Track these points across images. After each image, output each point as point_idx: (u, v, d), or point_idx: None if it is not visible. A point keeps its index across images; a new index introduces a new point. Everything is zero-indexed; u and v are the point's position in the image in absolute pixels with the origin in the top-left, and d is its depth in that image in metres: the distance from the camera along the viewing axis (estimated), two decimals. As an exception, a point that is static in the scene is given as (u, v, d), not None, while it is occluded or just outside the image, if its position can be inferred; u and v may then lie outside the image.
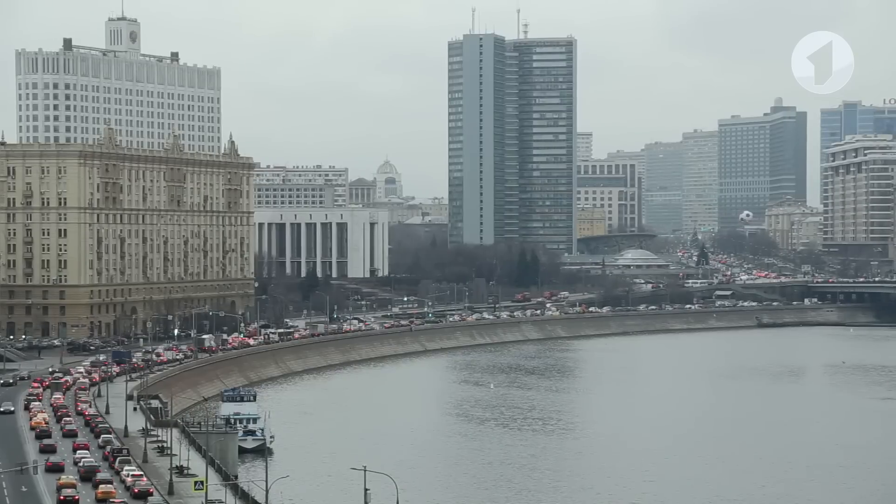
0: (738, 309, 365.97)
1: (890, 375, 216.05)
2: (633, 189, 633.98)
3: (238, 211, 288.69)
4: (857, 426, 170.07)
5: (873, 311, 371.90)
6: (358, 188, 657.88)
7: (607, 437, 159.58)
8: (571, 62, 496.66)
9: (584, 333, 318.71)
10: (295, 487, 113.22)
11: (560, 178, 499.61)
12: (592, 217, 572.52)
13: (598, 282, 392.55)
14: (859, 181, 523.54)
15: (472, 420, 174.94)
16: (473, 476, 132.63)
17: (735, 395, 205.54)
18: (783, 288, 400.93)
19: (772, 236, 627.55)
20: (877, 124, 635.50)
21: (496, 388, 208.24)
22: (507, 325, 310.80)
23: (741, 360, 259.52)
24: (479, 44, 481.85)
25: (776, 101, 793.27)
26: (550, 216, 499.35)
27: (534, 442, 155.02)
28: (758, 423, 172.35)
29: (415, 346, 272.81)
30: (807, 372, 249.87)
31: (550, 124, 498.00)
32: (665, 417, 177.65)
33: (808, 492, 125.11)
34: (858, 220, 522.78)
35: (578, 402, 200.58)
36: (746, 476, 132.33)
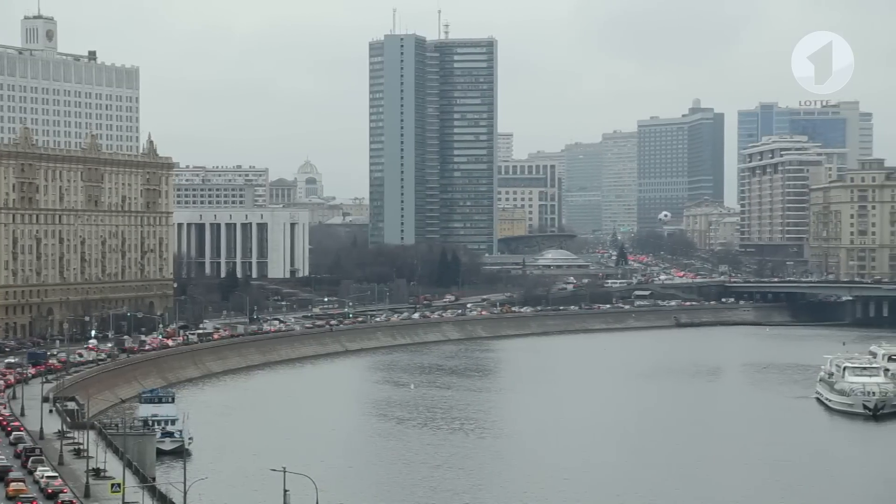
0: (656, 309, 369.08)
1: (806, 374, 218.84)
2: (554, 189, 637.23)
3: (157, 211, 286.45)
4: (770, 424, 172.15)
5: (789, 311, 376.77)
6: (278, 188, 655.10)
7: (526, 437, 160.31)
8: (492, 63, 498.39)
9: (505, 333, 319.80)
10: (214, 489, 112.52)
11: (481, 178, 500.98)
12: (513, 217, 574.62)
13: (518, 282, 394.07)
14: (775, 182, 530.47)
15: (392, 420, 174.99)
16: (393, 476, 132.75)
17: (653, 395, 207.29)
18: (701, 288, 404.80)
19: (690, 236, 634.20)
20: (793, 126, 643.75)
21: (416, 389, 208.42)
22: (427, 325, 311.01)
23: (660, 360, 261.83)
24: (400, 44, 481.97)
25: (694, 102, 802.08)
26: (471, 216, 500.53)
27: (453, 442, 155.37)
28: (674, 421, 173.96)
29: (335, 347, 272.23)
30: (724, 371, 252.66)
31: (471, 125, 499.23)
32: (584, 417, 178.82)
33: (722, 487, 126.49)
34: (774, 220, 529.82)
35: (498, 402, 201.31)
36: (662, 473, 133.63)
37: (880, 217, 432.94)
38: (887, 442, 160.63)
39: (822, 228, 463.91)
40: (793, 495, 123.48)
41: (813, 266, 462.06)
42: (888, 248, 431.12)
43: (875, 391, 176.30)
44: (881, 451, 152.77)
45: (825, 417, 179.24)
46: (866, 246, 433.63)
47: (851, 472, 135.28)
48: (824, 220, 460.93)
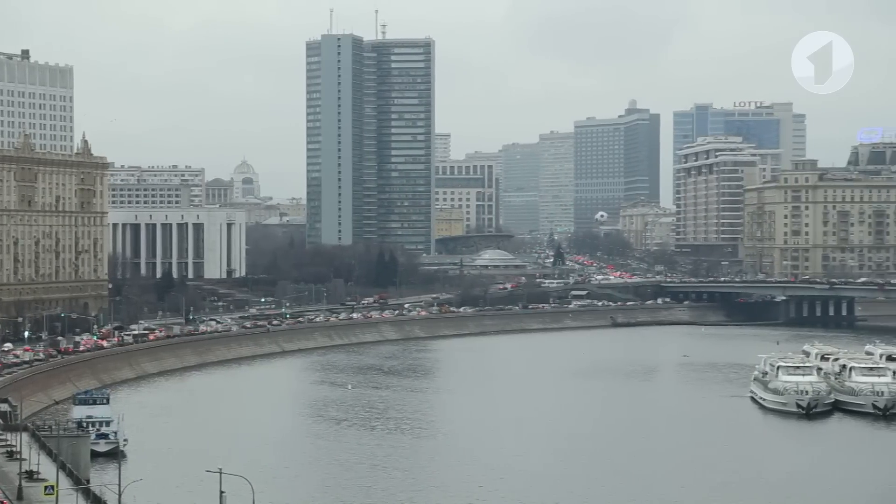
0: (593, 308, 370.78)
1: (740, 373, 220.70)
2: (491, 190, 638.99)
3: (91, 211, 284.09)
4: (704, 423, 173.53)
5: (723, 311, 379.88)
6: (215, 188, 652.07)
7: (463, 436, 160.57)
8: (429, 63, 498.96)
9: (443, 333, 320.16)
10: (149, 491, 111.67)
11: (418, 178, 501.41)
12: (451, 217, 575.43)
13: (455, 282, 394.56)
14: (710, 182, 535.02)
15: (329, 420, 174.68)
16: (330, 476, 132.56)
17: (590, 394, 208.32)
18: (637, 288, 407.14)
19: (626, 236, 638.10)
20: (727, 126, 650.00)
21: (353, 389, 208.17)
22: (365, 325, 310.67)
23: (596, 360, 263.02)
24: (338, 44, 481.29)
25: (630, 103, 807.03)
26: (409, 216, 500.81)
27: (390, 442, 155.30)
28: (610, 421, 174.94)
29: (272, 348, 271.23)
30: (659, 370, 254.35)
31: (409, 125, 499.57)
32: (521, 416, 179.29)
33: (656, 485, 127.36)
34: (709, 220, 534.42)
35: (435, 402, 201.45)
36: (598, 472, 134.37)
37: (813, 217, 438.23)
38: (819, 440, 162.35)
39: (756, 229, 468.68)
40: (725, 494, 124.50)
41: (747, 266, 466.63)
42: (821, 249, 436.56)
43: (808, 390, 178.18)
44: (813, 449, 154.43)
45: (759, 416, 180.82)
46: (799, 246, 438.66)
47: (783, 470, 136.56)
48: (758, 221, 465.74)
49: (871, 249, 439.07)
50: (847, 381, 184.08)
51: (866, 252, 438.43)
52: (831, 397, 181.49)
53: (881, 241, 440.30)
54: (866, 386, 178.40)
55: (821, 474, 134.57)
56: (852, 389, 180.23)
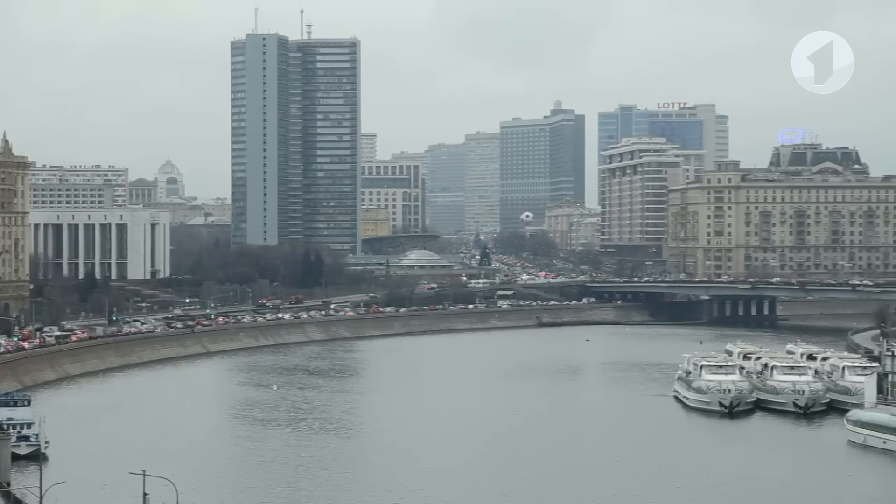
0: (519, 309, 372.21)
1: (664, 372, 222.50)
2: (417, 190, 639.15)
3: (12, 211, 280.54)
4: (628, 422, 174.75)
5: (648, 310, 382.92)
6: (138, 188, 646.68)
7: (389, 436, 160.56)
8: (355, 63, 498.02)
9: (369, 334, 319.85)
10: (71, 493, 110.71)
11: (344, 178, 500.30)
12: (377, 218, 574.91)
13: (382, 282, 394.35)
14: (635, 183, 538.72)
15: (254, 421, 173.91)
16: (254, 477, 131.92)
17: (515, 393, 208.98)
18: (563, 288, 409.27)
19: (552, 237, 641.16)
20: (651, 127, 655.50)
21: (279, 390, 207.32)
22: (291, 326, 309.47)
23: (522, 359, 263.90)
24: (263, 44, 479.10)
25: (555, 104, 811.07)
26: (335, 217, 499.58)
27: (315, 442, 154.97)
28: (536, 420, 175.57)
29: (197, 349, 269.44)
30: (584, 370, 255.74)
31: (335, 125, 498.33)
32: (447, 416, 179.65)
33: (580, 484, 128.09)
34: (634, 221, 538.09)
35: (361, 402, 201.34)
36: (522, 471, 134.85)
37: (736, 218, 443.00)
38: (741, 439, 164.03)
39: (679, 229, 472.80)
40: (648, 492, 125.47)
41: (671, 266, 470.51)
42: (743, 249, 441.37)
43: (731, 389, 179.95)
44: (735, 447, 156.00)
45: (682, 415, 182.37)
46: (722, 246, 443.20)
47: (705, 468, 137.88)
48: (682, 221, 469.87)
49: (792, 249, 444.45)
50: (769, 380, 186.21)
51: (788, 252, 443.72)
52: (753, 396, 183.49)
53: (802, 242, 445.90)
54: (787, 385, 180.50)
55: (742, 472, 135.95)
56: (774, 388, 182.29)
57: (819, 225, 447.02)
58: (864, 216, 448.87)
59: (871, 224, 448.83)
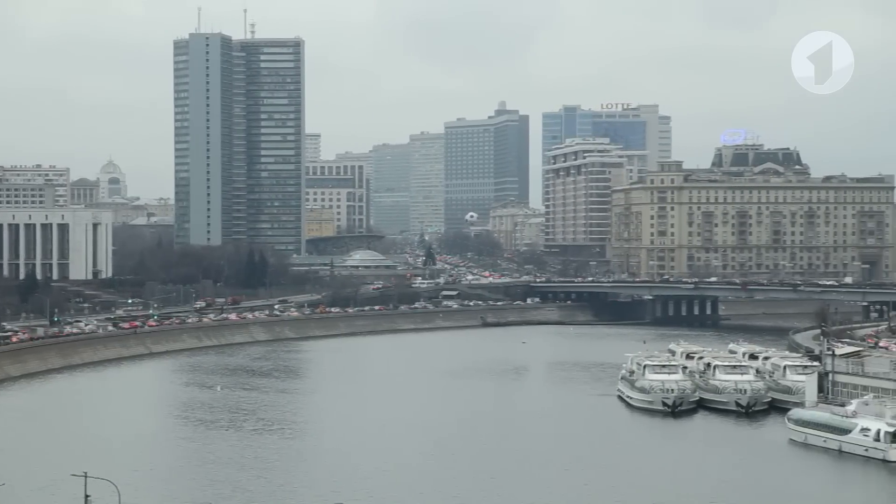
0: (464, 309, 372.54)
1: (608, 372, 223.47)
2: (362, 190, 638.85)
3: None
4: (572, 421, 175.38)
5: (592, 310, 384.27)
6: (80, 188, 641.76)
7: (332, 437, 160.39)
8: (299, 63, 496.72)
9: (313, 334, 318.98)
10: (12, 495, 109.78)
11: (288, 178, 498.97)
12: (321, 218, 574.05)
13: (326, 283, 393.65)
14: (578, 183, 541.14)
15: (197, 422, 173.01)
16: (197, 478, 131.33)
17: (460, 393, 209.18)
18: (507, 288, 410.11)
19: (496, 237, 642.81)
20: (595, 128, 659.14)
21: (223, 390, 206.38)
22: (235, 326, 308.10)
23: (467, 359, 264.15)
24: (206, 43, 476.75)
25: (500, 104, 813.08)
26: (279, 217, 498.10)
27: (258, 443, 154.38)
28: (480, 420, 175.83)
29: (140, 349, 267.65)
30: (529, 369, 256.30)
31: (279, 125, 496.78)
32: (391, 416, 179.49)
33: (523, 484, 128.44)
34: (578, 221, 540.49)
35: (305, 403, 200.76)
36: (466, 472, 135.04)
37: (679, 218, 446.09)
38: (684, 438, 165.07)
39: (623, 229, 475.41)
40: (591, 491, 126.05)
41: (615, 266, 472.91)
42: (686, 249, 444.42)
43: (674, 388, 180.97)
44: (678, 446, 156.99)
45: (626, 414, 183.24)
46: (665, 246, 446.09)
47: (648, 467, 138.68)
48: (625, 221, 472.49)
49: (734, 250, 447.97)
50: (711, 380, 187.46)
51: (730, 252, 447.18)
52: (696, 395, 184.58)
53: (744, 242, 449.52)
54: (729, 384, 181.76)
55: (684, 470, 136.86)
56: (716, 387, 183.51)
57: (761, 225, 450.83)
58: (805, 217, 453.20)
59: (812, 224, 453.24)
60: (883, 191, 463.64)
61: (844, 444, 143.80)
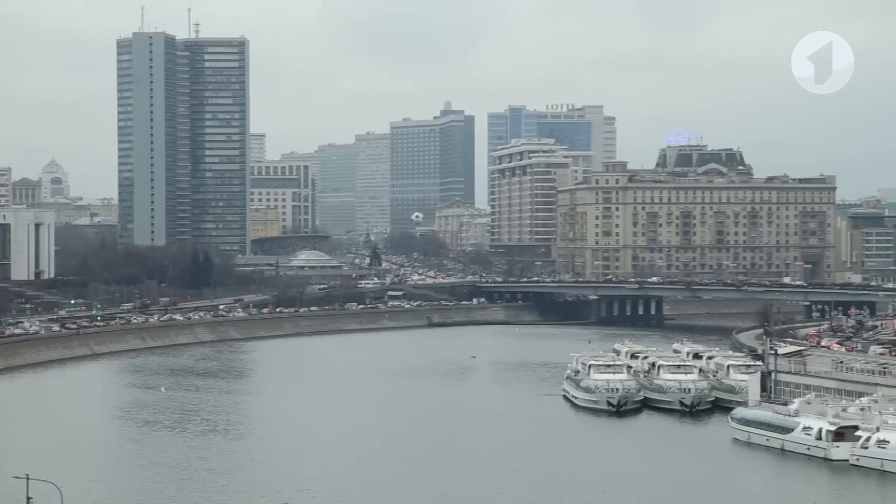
0: (409, 309, 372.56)
1: (553, 372, 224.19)
2: (307, 190, 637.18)
3: None
4: (517, 421, 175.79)
5: (537, 310, 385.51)
6: (22, 188, 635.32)
7: (277, 437, 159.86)
8: (244, 63, 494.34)
9: (259, 335, 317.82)
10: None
11: (233, 178, 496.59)
12: (266, 218, 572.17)
13: (272, 283, 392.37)
14: (524, 184, 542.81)
15: (141, 423, 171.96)
16: (141, 479, 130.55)
17: (405, 394, 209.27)
18: (453, 288, 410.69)
19: (442, 237, 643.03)
20: (540, 128, 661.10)
21: (167, 391, 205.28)
22: (179, 327, 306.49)
23: (413, 359, 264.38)
24: (150, 42, 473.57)
25: (445, 104, 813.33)
26: (224, 217, 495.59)
27: (202, 443, 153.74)
28: (426, 420, 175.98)
29: (83, 351, 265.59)
30: (474, 369, 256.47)
31: (223, 125, 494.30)
32: (336, 417, 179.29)
33: (468, 484, 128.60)
34: (523, 221, 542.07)
35: (250, 403, 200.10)
36: (411, 471, 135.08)
37: (623, 218, 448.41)
38: (629, 437, 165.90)
39: (568, 229, 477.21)
40: (536, 491, 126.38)
41: (560, 266, 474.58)
42: (631, 249, 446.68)
43: (618, 388, 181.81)
44: (622, 446, 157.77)
45: (571, 414, 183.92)
46: (610, 246, 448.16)
47: (594, 466, 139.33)
48: (571, 222, 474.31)
49: (678, 250, 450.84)
50: (655, 379, 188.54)
51: (674, 252, 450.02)
52: (641, 395, 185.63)
53: (688, 242, 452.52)
54: (674, 383, 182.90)
55: (629, 469, 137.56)
56: (660, 387, 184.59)
57: (704, 225, 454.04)
58: (748, 217, 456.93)
59: (755, 225, 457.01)
60: (825, 191, 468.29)
61: (787, 443, 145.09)
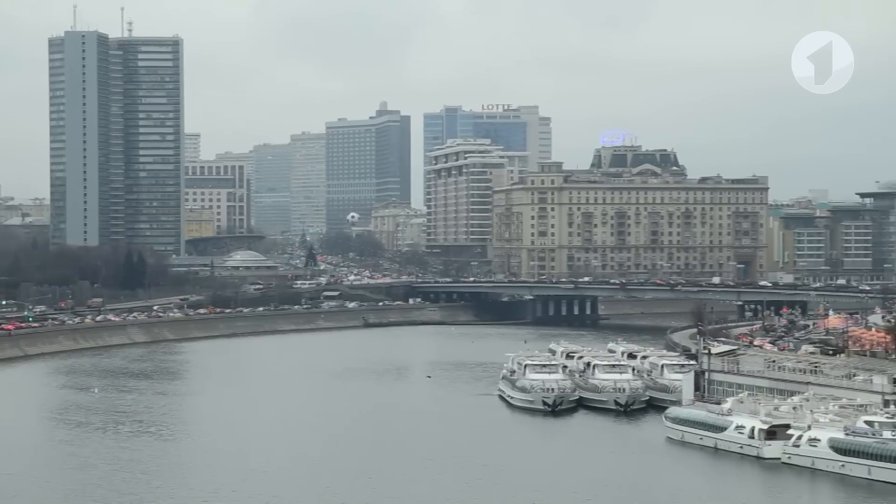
0: (345, 309, 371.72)
1: (489, 372, 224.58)
2: (242, 190, 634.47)
3: None
4: (453, 421, 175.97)
5: (473, 310, 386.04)
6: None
7: (212, 438, 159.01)
8: (178, 62, 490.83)
9: (193, 336, 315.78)
10: None
11: (168, 178, 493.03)
12: (201, 218, 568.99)
13: (206, 283, 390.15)
14: (460, 184, 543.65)
15: (73, 424, 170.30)
16: (73, 481, 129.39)
17: (342, 394, 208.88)
18: (389, 288, 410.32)
19: (378, 237, 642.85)
20: (476, 129, 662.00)
21: (100, 393, 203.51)
22: (113, 328, 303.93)
23: (349, 360, 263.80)
24: (82, 41, 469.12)
25: (381, 105, 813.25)
26: (158, 217, 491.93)
27: (135, 445, 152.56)
28: (362, 420, 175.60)
29: (14, 352, 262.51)
30: (411, 370, 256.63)
31: (157, 125, 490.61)
32: (272, 417, 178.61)
33: (404, 484, 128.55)
34: (459, 221, 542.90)
35: (184, 404, 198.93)
36: (346, 471, 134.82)
37: (559, 219, 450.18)
38: (563, 436, 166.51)
39: (504, 230, 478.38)
40: (471, 490, 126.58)
41: (496, 266, 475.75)
42: (566, 249, 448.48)
43: (554, 387, 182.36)
44: (558, 445, 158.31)
45: (507, 414, 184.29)
46: (546, 247, 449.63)
47: (529, 466, 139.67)
48: (506, 222, 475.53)
49: (613, 250, 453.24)
50: (591, 379, 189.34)
51: (609, 252, 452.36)
52: (576, 394, 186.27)
53: (623, 242, 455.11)
54: (609, 383, 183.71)
55: (564, 469, 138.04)
56: (596, 386, 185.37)
57: (639, 226, 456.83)
58: (682, 217, 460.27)
59: (689, 225, 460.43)
60: (757, 192, 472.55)
61: (720, 442, 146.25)
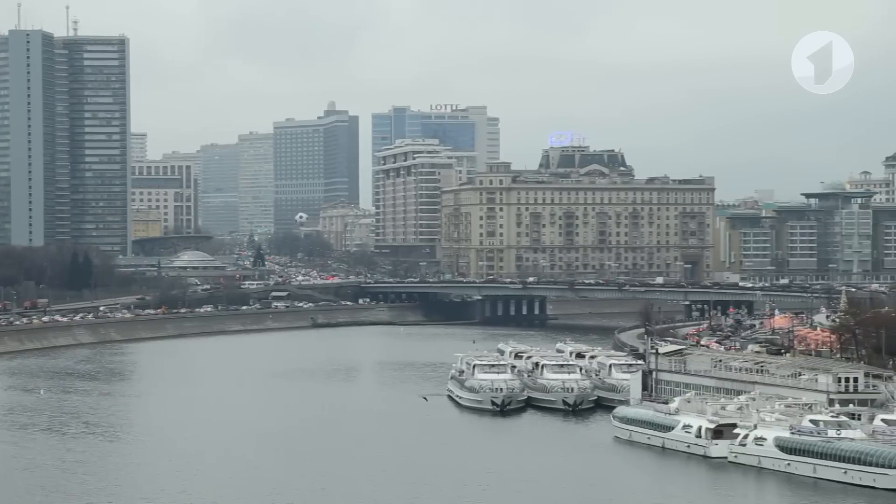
0: (294, 310, 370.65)
1: (438, 372, 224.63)
2: (190, 190, 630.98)
3: None
4: (401, 421, 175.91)
5: (422, 310, 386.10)
6: None
7: (155, 439, 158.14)
8: (124, 61, 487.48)
9: (140, 336, 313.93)
10: None
11: (114, 178, 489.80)
12: (148, 219, 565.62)
13: (153, 283, 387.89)
14: (408, 184, 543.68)
15: (17, 426, 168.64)
16: (18, 483, 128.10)
17: (290, 395, 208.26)
18: (338, 288, 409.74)
19: (326, 238, 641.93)
20: (424, 129, 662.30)
21: (46, 394, 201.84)
22: (58, 329, 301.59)
23: (297, 360, 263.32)
24: (27, 40, 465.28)
25: (329, 105, 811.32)
26: (104, 217, 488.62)
27: (81, 446, 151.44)
28: (310, 421, 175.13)
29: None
30: (359, 370, 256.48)
31: (103, 124, 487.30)
32: (219, 418, 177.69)
33: (352, 485, 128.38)
34: (408, 222, 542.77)
35: (130, 406, 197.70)
36: (295, 472, 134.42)
37: (507, 219, 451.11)
38: (512, 436, 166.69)
39: (453, 230, 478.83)
40: (419, 490, 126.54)
41: (445, 266, 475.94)
42: (514, 249, 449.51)
43: (503, 387, 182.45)
44: (506, 445, 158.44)
45: (455, 414, 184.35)
46: (494, 247, 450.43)
47: (478, 465, 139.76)
48: (455, 222, 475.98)
49: (561, 250, 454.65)
50: (539, 379, 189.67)
51: (557, 252, 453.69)
52: (525, 394, 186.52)
53: (571, 242, 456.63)
54: (557, 383, 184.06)
55: (512, 468, 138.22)
56: (544, 386, 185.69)
57: (587, 226, 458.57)
58: (630, 217, 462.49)
59: (636, 225, 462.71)
60: (704, 192, 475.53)
61: (667, 441, 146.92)
